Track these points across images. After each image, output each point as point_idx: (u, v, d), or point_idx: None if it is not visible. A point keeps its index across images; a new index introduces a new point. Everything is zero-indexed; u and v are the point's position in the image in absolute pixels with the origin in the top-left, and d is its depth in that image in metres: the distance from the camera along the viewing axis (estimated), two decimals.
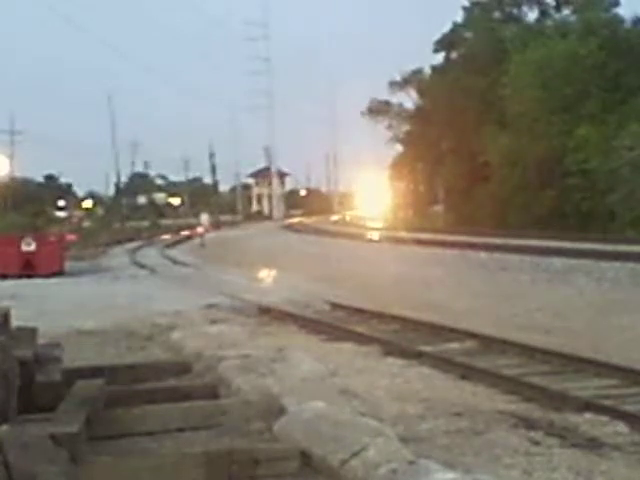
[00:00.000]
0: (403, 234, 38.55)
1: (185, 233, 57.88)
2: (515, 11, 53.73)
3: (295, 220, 77.36)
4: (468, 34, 54.34)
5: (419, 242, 32.13)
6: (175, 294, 18.67)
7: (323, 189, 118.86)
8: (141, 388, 8.03)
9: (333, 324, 13.40)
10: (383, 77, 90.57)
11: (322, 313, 15.20)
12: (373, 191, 79.10)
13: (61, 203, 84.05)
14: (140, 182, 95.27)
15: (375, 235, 43.43)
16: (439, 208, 58.20)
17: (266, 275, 23.51)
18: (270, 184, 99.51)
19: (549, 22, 50.07)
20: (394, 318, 13.74)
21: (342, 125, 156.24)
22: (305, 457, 5.76)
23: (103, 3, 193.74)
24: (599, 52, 39.88)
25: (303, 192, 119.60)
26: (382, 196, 73.85)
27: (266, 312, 15.02)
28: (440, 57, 57.29)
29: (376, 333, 12.43)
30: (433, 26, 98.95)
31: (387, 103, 62.75)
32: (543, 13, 52.32)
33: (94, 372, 8.09)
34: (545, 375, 9.17)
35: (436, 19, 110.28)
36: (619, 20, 44.16)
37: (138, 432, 6.76)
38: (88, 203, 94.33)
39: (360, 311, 14.82)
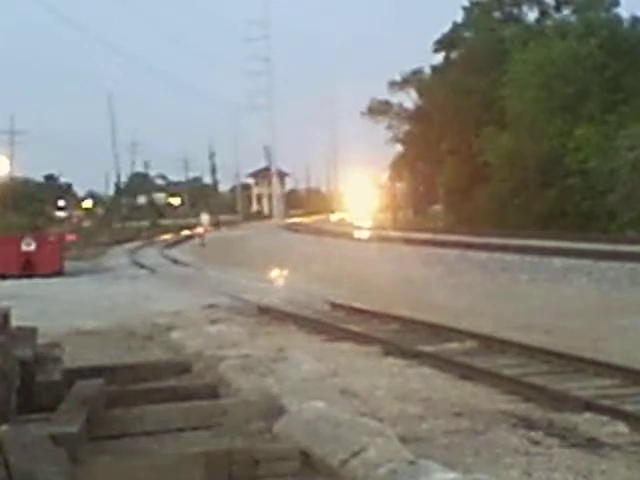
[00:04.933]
0: (403, 234, 38.53)
1: (185, 233, 57.90)
2: (515, 11, 53.71)
3: (295, 220, 77.28)
4: (468, 34, 54.32)
5: (419, 242, 32.11)
6: (175, 294, 18.68)
7: (323, 189, 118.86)
8: (141, 388, 8.03)
9: (333, 324, 13.40)
10: (383, 77, 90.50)
11: (322, 313, 15.20)
12: (373, 191, 79.02)
13: (61, 203, 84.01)
14: (140, 182, 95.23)
15: (375, 235, 43.40)
16: (439, 208, 58.18)
17: (266, 275, 23.49)
18: (270, 184, 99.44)
19: (549, 22, 50.04)
20: (394, 318, 13.73)
21: (342, 125, 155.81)
22: (305, 457, 5.77)
23: (103, 3, 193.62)
24: (599, 52, 39.87)
25: (303, 192, 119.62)
26: (382, 196, 73.79)
27: (266, 312, 15.03)
28: (440, 57, 57.32)
29: (376, 333, 12.42)
30: (433, 26, 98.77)
31: (387, 103, 62.64)
32: (543, 13, 52.31)
33: (94, 372, 8.09)
34: (545, 375, 9.16)
35: (436, 19, 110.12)
36: (619, 20, 44.17)
37: (138, 432, 6.76)
38: (88, 203, 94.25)
39: (360, 311, 14.81)
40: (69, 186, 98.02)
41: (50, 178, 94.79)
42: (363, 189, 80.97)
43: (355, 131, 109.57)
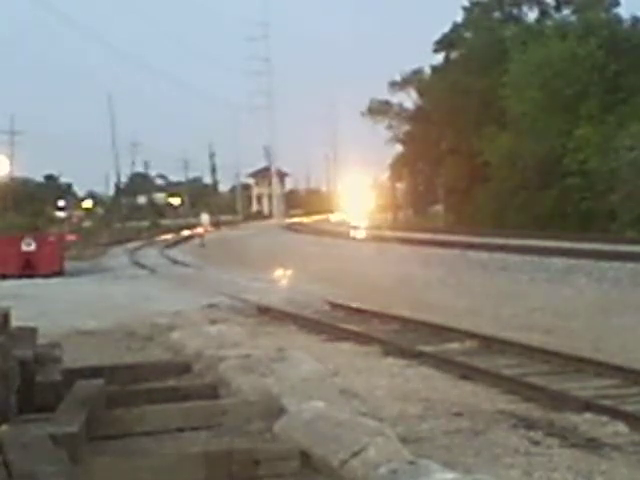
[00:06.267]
0: (403, 234, 38.54)
1: (185, 233, 57.89)
2: (515, 11, 53.69)
3: (295, 220, 77.28)
4: (468, 34, 54.30)
5: (419, 242, 32.12)
6: (175, 294, 18.67)
7: (323, 189, 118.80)
8: (141, 388, 8.03)
9: (333, 324, 13.40)
10: (383, 77, 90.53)
11: (322, 313, 15.20)
12: (373, 191, 79.00)
13: (61, 203, 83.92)
14: (140, 182, 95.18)
15: (374, 235, 43.38)
16: (439, 208, 58.17)
17: (266, 275, 23.48)
18: (270, 184, 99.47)
19: (549, 22, 49.99)
20: (394, 318, 13.73)
21: (342, 125, 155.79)
22: (305, 457, 5.77)
23: (103, 3, 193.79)
24: (599, 52, 39.87)
25: (303, 192, 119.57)
26: (382, 196, 73.77)
27: (266, 312, 15.03)
28: (440, 57, 57.29)
29: (376, 333, 12.42)
30: (433, 26, 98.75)
31: (387, 103, 62.65)
32: (543, 13, 52.29)
33: (94, 372, 8.09)
34: (545, 375, 9.16)
35: (436, 19, 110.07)
36: (619, 20, 44.17)
37: (138, 432, 6.76)
38: (88, 203, 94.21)
39: (360, 311, 14.81)
40: (69, 186, 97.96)
41: (50, 178, 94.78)
42: (363, 189, 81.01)
43: (355, 131, 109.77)
